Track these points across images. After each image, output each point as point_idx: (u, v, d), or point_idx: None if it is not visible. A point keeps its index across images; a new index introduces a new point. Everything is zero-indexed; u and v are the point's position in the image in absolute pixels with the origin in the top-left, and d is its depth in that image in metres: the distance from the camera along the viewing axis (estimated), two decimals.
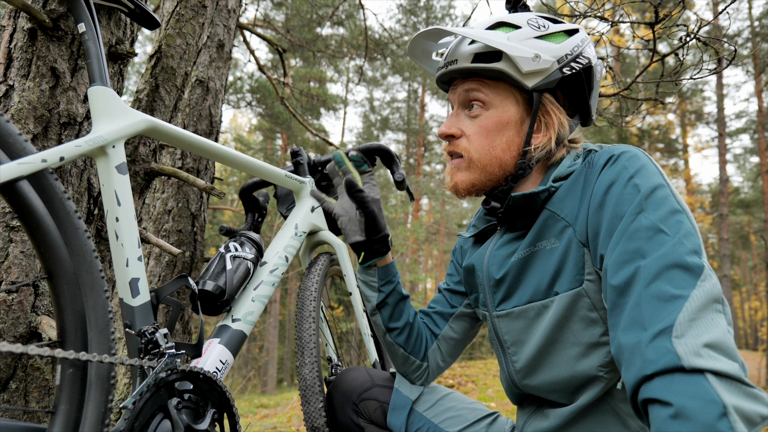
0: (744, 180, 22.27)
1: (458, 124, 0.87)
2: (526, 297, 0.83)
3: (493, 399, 5.10)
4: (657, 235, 0.64)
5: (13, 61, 0.99)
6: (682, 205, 0.67)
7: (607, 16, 2.30)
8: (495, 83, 0.84)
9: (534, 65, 0.80)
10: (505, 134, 0.84)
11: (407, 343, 1.00)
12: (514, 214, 0.85)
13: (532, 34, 0.82)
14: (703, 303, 0.58)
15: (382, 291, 0.98)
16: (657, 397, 0.54)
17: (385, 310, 0.99)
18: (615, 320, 0.65)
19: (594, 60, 0.85)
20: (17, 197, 0.65)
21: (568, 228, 0.78)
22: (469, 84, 0.86)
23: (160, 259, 1.66)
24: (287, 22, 9.56)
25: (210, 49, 1.81)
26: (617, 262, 0.66)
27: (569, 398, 0.82)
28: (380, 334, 1.02)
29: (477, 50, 0.83)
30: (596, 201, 0.74)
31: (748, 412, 0.51)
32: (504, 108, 0.84)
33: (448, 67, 0.87)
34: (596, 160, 0.78)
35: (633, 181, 0.70)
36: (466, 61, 0.84)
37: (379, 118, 19.27)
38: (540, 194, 0.81)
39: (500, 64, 0.81)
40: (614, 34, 6.46)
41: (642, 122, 13.94)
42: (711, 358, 0.54)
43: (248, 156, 1.14)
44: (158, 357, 0.78)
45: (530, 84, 0.81)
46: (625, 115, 2.43)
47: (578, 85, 0.85)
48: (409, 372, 1.04)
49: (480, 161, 0.85)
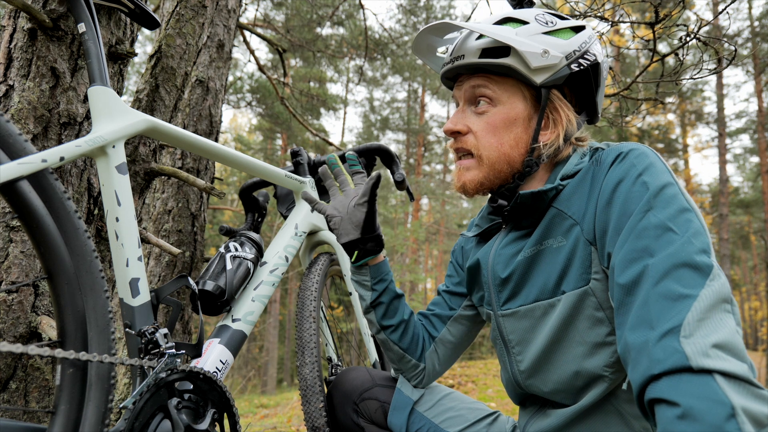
0: (744, 180, 22.27)
1: (465, 121, 0.86)
2: (532, 296, 0.82)
3: (493, 399, 5.10)
4: (665, 234, 0.63)
5: (13, 61, 0.99)
6: (690, 204, 0.66)
7: (607, 16, 2.30)
8: (502, 79, 0.83)
9: (543, 61, 0.79)
10: (513, 131, 0.83)
11: (402, 340, 1.00)
12: (520, 213, 0.84)
13: (540, 29, 0.82)
14: (712, 303, 0.57)
15: (375, 289, 0.98)
16: (664, 397, 0.54)
17: (380, 308, 0.98)
18: (622, 319, 0.64)
19: (601, 57, 0.85)
20: (17, 197, 0.65)
21: (575, 226, 0.77)
22: (476, 80, 0.84)
23: (160, 259, 1.66)
24: (287, 22, 9.56)
25: (210, 49, 1.81)
26: (625, 260, 0.65)
27: (573, 398, 0.82)
28: (374, 331, 1.02)
29: (485, 45, 0.82)
30: (604, 199, 0.73)
31: (756, 414, 0.51)
32: (512, 104, 0.83)
33: (455, 62, 0.85)
34: (604, 158, 0.77)
35: (641, 179, 0.69)
36: (474, 56, 0.82)
37: (379, 118, 19.26)
38: (548, 192, 0.80)
39: (509, 59, 0.80)
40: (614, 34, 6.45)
41: (642, 122, 13.93)
42: (719, 358, 0.53)
43: (248, 156, 1.14)
44: (158, 357, 0.78)
45: (539, 80, 0.80)
46: (625, 115, 2.43)
47: (585, 81, 0.84)
48: (406, 371, 1.03)
49: (489, 159, 0.84)
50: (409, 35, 15.33)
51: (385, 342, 1.01)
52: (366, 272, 0.98)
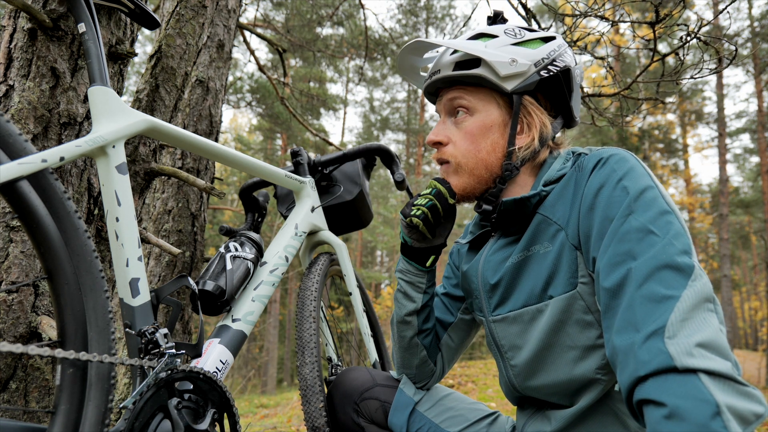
0: (744, 180, 22.26)
1: (445, 132, 0.90)
2: (520, 301, 0.84)
3: (493, 399, 5.10)
4: (647, 237, 0.65)
5: (13, 61, 0.99)
6: (671, 206, 0.68)
7: (607, 16, 2.30)
8: (477, 89, 0.87)
9: (511, 69, 0.83)
10: (489, 137, 0.86)
11: (430, 345, 1.03)
12: (507, 219, 0.86)
13: (509, 41, 0.87)
14: (695, 303, 0.58)
15: (427, 293, 1.00)
16: (651, 398, 0.55)
17: (424, 312, 1.01)
18: (609, 322, 0.65)
19: (572, 64, 0.88)
20: (17, 197, 0.65)
21: (560, 232, 0.78)
22: (453, 92, 0.89)
23: (160, 259, 1.66)
24: (287, 22, 9.56)
25: (210, 49, 1.81)
26: (609, 264, 0.67)
27: (569, 400, 0.82)
28: (410, 334, 1.02)
29: (458, 59, 0.87)
30: (586, 204, 0.75)
31: (741, 411, 0.51)
32: (487, 112, 0.87)
33: (433, 77, 0.90)
34: (585, 164, 0.79)
35: (622, 184, 0.71)
36: (448, 70, 0.87)
37: (379, 118, 19.26)
38: (531, 199, 0.82)
39: (479, 70, 0.84)
40: (614, 34, 6.46)
41: (642, 122, 13.93)
42: (703, 357, 0.54)
43: (248, 156, 1.14)
44: (158, 357, 0.78)
45: (509, 87, 0.84)
46: (625, 115, 2.43)
47: (558, 87, 0.87)
48: (425, 375, 1.05)
49: (467, 165, 0.87)
50: (409, 35, 15.33)
51: (414, 347, 1.02)
52: (423, 275, 0.99)
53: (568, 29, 2.26)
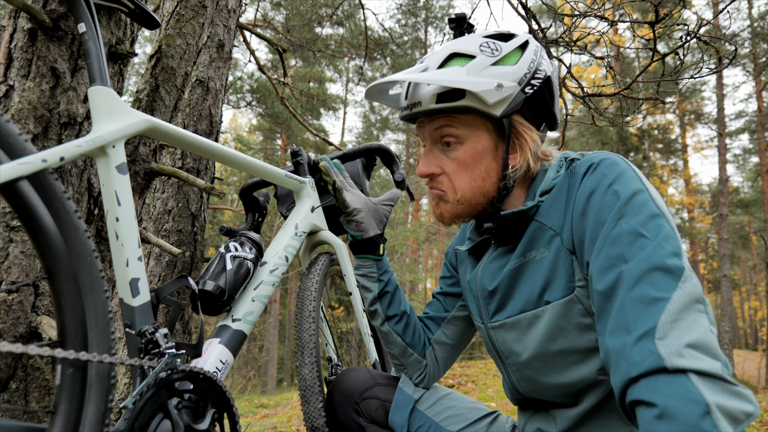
0: (744, 180, 22.28)
1: (436, 162, 0.86)
2: (518, 307, 0.84)
3: (493, 399, 5.10)
4: (638, 240, 0.65)
5: (13, 61, 0.99)
6: (661, 209, 0.68)
7: (607, 16, 2.30)
8: (464, 116, 0.83)
9: (498, 95, 0.79)
10: (482, 163, 0.84)
11: (405, 332, 1.05)
12: (505, 231, 0.86)
13: (488, 61, 0.80)
14: (685, 304, 0.59)
15: (381, 280, 1.05)
16: (642, 399, 0.55)
17: (385, 298, 1.05)
18: (602, 325, 0.66)
19: (549, 69, 0.85)
20: (17, 197, 0.65)
21: (556, 237, 0.79)
22: (439, 121, 0.84)
23: (160, 259, 1.66)
24: (287, 22, 9.55)
25: (210, 49, 1.81)
26: (601, 267, 0.68)
27: (573, 399, 0.83)
28: (379, 323, 1.06)
29: (438, 90, 0.81)
30: (579, 209, 0.75)
31: (731, 410, 0.52)
32: (477, 139, 0.83)
33: (413, 109, 0.84)
34: (577, 169, 0.79)
35: (612, 188, 0.72)
36: (431, 103, 0.82)
37: (379, 118, 19.27)
38: (529, 211, 0.82)
39: (465, 100, 0.80)
40: (614, 34, 6.46)
41: (642, 122, 13.93)
42: (693, 357, 0.55)
43: (248, 156, 1.14)
44: (158, 357, 0.78)
45: (498, 112, 0.80)
46: (625, 114, 2.43)
47: (541, 98, 0.84)
48: (409, 366, 1.06)
49: (464, 196, 0.85)
50: (409, 35, 15.32)
51: (388, 335, 1.05)
52: (372, 264, 1.05)
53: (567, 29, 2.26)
